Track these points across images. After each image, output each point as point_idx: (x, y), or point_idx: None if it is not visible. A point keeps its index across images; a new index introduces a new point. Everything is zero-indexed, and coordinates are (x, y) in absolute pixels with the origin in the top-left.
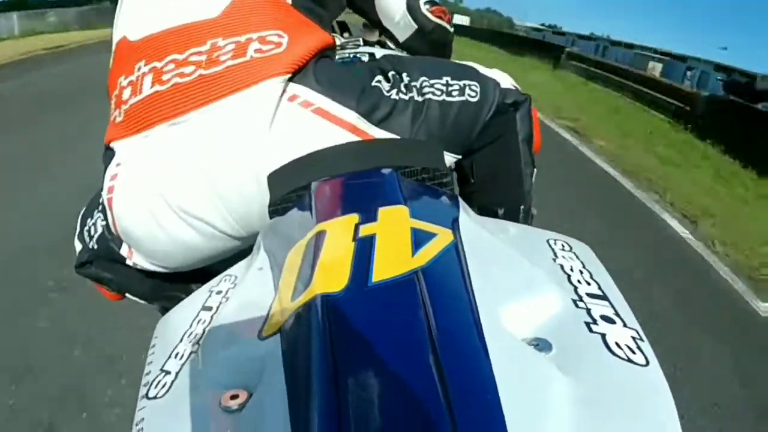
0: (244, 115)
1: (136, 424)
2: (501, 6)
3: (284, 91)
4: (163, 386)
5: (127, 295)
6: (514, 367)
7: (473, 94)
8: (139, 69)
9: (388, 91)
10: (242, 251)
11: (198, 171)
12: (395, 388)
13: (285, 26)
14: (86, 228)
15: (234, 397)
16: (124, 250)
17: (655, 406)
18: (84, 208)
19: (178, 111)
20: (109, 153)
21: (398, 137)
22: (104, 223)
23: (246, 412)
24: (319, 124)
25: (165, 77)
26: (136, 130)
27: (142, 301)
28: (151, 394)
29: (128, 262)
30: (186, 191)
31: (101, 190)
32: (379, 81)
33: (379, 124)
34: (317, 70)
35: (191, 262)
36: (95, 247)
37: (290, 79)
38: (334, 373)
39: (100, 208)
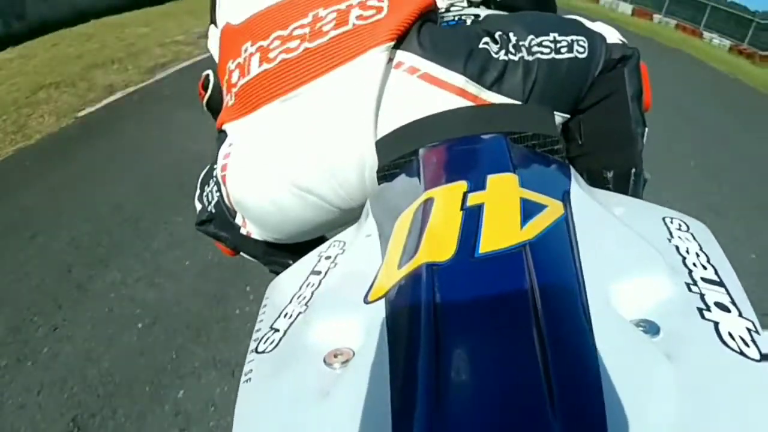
0: (353, 87)
1: (245, 375)
2: None
3: (390, 58)
4: (272, 342)
5: (241, 253)
6: (619, 349)
7: (581, 50)
8: (245, 50)
9: (496, 53)
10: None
11: (310, 146)
12: (496, 363)
13: None
14: (205, 193)
15: (337, 354)
16: (238, 220)
17: (766, 407)
18: (202, 173)
19: (288, 87)
20: (222, 136)
21: (509, 101)
22: (218, 194)
23: (348, 369)
24: (427, 89)
25: (271, 54)
26: (246, 111)
27: (253, 260)
28: (260, 349)
29: (242, 231)
30: (298, 166)
31: (215, 163)
32: (486, 43)
33: (491, 87)
34: (421, 34)
35: (301, 234)
36: (213, 211)
37: (395, 46)
38: (436, 342)
39: (214, 179)
